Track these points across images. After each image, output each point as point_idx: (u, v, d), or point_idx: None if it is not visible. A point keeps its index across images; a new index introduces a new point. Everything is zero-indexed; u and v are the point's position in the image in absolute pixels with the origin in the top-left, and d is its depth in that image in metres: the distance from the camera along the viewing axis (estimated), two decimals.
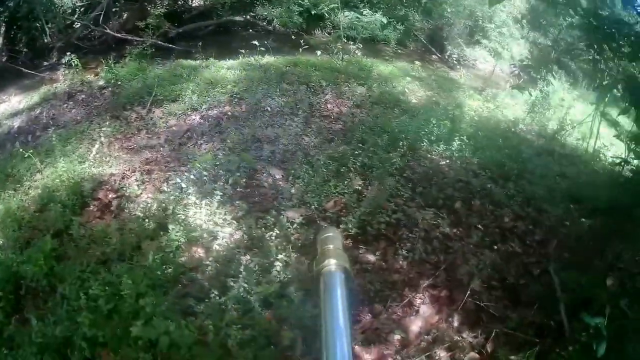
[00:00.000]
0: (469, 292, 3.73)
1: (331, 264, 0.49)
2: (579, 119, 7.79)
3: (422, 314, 3.62)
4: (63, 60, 7.35)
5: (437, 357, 3.23)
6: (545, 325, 3.48)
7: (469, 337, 3.41)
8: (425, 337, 3.42)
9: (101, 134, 5.66)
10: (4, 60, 8.74)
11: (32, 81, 8.15)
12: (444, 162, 5.63)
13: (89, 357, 3.12)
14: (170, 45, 9.35)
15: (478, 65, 11.69)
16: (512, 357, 3.20)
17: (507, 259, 4.25)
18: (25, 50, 9.24)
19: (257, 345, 3.17)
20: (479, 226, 4.61)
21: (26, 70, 8.41)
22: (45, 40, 9.34)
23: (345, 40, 9.13)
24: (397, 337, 3.41)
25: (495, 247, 4.38)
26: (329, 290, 0.47)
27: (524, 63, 6.73)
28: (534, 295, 3.75)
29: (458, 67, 10.85)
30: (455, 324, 3.53)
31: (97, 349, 3.15)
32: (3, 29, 8.94)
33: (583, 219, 5.03)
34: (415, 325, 3.51)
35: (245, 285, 3.47)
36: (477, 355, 3.27)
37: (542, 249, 4.45)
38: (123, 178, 5.04)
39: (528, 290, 3.83)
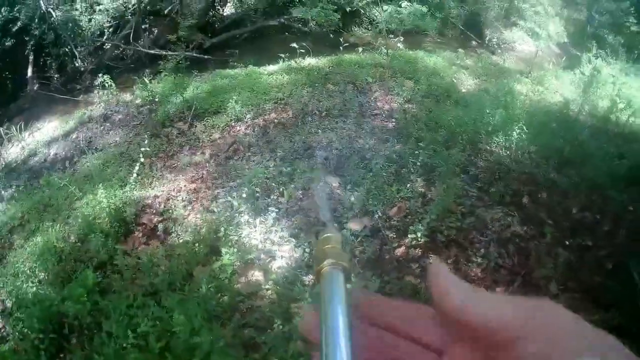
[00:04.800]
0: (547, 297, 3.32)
1: (329, 264, 0.42)
2: (627, 94, 7.27)
3: None
4: (96, 82, 7.09)
5: None
6: (626, 328, 3.07)
7: None
8: None
9: (141, 155, 5.25)
10: (35, 88, 8.57)
11: (66, 106, 7.91)
12: (505, 154, 5.25)
13: None
14: (206, 57, 9.07)
15: (517, 47, 11.37)
16: None
17: (580, 254, 3.97)
18: (56, 76, 9.09)
19: None
20: (549, 221, 4.30)
21: (59, 96, 8.20)
22: (76, 64, 9.18)
23: (386, 34, 8.69)
24: None
25: (567, 242, 4.11)
26: (327, 291, 0.40)
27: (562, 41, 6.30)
28: (612, 296, 3.45)
29: (499, 50, 10.59)
30: None
31: None
32: (31, 57, 8.79)
33: None
34: None
35: None
36: None
37: (612, 239, 4.15)
38: (168, 199, 4.66)
39: (605, 290, 3.52)
